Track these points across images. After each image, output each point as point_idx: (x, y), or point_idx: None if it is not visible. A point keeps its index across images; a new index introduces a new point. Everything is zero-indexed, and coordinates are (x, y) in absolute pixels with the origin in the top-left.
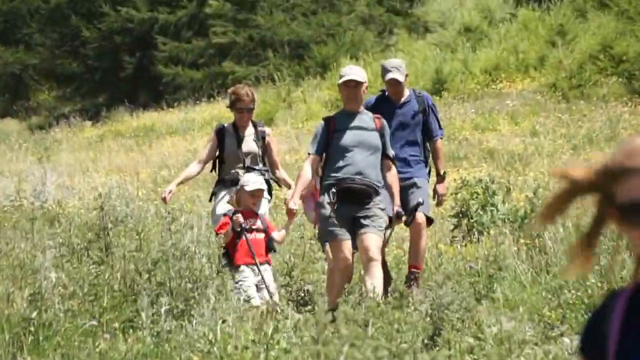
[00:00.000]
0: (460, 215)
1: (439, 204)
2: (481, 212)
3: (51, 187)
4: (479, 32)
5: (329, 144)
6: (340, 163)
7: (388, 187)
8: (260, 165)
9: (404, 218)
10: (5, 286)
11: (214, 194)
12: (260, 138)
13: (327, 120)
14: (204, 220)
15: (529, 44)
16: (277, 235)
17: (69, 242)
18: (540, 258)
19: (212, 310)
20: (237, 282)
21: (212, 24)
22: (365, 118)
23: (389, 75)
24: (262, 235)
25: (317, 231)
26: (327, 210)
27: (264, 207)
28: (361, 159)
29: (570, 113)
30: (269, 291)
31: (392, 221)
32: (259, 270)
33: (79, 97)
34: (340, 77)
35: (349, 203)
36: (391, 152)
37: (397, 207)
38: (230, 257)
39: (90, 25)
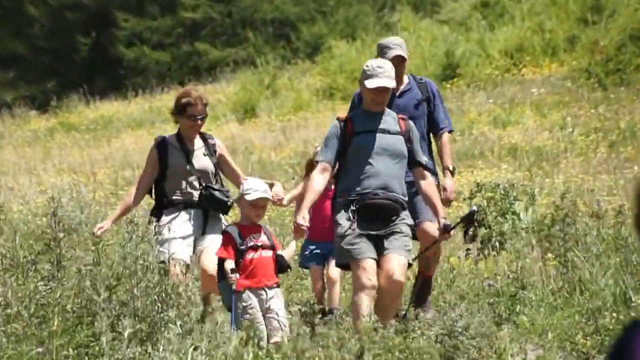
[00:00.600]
0: (476, 224)
1: (447, 202)
2: (501, 220)
3: None
4: (499, 6)
5: (346, 150)
6: (361, 174)
7: (428, 199)
8: (218, 185)
9: (452, 232)
10: None
11: (156, 216)
12: (213, 152)
13: (343, 121)
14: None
15: (557, 22)
16: (285, 253)
17: (13, 254)
18: (572, 275)
19: (183, 335)
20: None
21: None
22: (389, 119)
23: (392, 53)
24: (269, 253)
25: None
26: (346, 229)
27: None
28: (384, 169)
29: (607, 103)
30: (278, 321)
31: (439, 236)
32: (266, 295)
33: (23, 82)
34: (367, 75)
35: (372, 221)
36: (423, 159)
37: (444, 220)
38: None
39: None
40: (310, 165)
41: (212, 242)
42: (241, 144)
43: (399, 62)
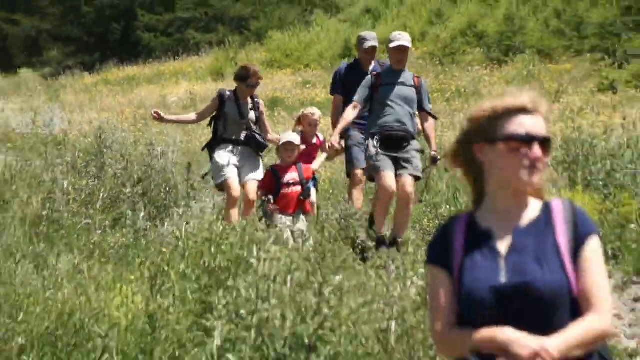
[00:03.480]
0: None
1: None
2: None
3: (58, 120)
4: (377, 12)
5: (374, 95)
6: (384, 113)
7: (426, 136)
8: (259, 131)
9: (438, 162)
10: (25, 192)
11: (211, 148)
12: (257, 108)
13: (375, 75)
14: (175, 147)
15: (414, 22)
16: (315, 165)
17: (72, 162)
18: (422, 181)
19: (180, 215)
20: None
21: (178, 2)
22: (408, 76)
23: (369, 43)
24: (298, 188)
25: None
26: (373, 152)
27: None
28: (400, 110)
29: (444, 74)
30: (299, 234)
31: (429, 164)
32: (292, 218)
33: (79, 53)
34: (391, 41)
35: (391, 146)
36: (428, 106)
37: (434, 152)
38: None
39: (89, 1)
40: (298, 121)
41: (252, 176)
42: (214, 93)
43: (372, 51)
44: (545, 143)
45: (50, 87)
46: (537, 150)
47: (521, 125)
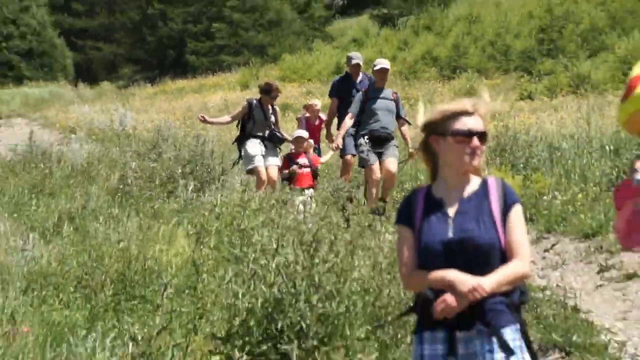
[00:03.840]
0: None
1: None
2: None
3: (128, 119)
4: (361, 41)
5: (364, 107)
6: (371, 120)
7: (403, 137)
8: (277, 130)
9: (415, 156)
10: (105, 171)
11: (240, 142)
12: (275, 113)
13: (364, 92)
14: (213, 140)
15: (387, 49)
16: (323, 159)
17: (138, 149)
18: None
19: (216, 189)
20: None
21: (216, 33)
22: (388, 92)
23: (354, 61)
24: (308, 170)
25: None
26: (365, 149)
27: (276, 159)
28: (384, 117)
29: (409, 87)
30: (309, 205)
31: (407, 158)
32: (304, 192)
33: (144, 71)
34: (375, 65)
35: (377, 145)
36: (403, 114)
37: (411, 149)
38: (289, 182)
39: (152, 33)
40: (305, 108)
41: (274, 162)
42: (243, 99)
43: (357, 67)
44: (482, 136)
45: (123, 96)
46: (475, 141)
47: (464, 124)
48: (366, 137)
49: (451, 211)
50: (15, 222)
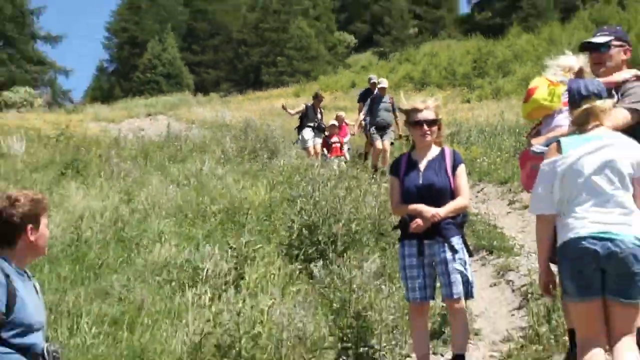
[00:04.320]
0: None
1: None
2: None
3: (227, 115)
4: (369, 67)
5: (372, 108)
6: (376, 116)
7: (396, 124)
8: (321, 121)
9: (402, 138)
10: (213, 147)
11: (299, 129)
12: (320, 111)
13: (372, 99)
14: (280, 127)
15: (382, 72)
16: (346, 139)
17: (233, 134)
18: None
19: (282, 157)
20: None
21: (280, 62)
22: (386, 98)
23: (372, 80)
24: (338, 145)
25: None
26: (373, 134)
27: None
28: (384, 114)
29: (395, 97)
30: (339, 164)
31: (397, 138)
32: (337, 160)
33: (236, 86)
34: (379, 83)
35: (380, 130)
36: (397, 112)
37: (400, 133)
38: (328, 152)
39: (241, 63)
40: (336, 118)
41: (318, 142)
42: (297, 104)
43: (374, 83)
44: (430, 123)
45: (223, 102)
46: (424, 127)
47: (417, 117)
48: (374, 126)
49: (422, 167)
50: (162, 177)
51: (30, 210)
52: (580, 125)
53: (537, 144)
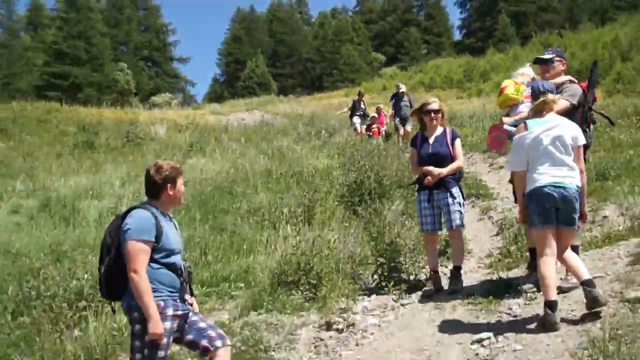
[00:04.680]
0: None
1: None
2: None
3: (298, 109)
4: (392, 78)
5: (397, 106)
6: (400, 110)
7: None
8: (365, 112)
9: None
10: (288, 130)
11: (350, 117)
12: (364, 104)
13: (396, 99)
14: (334, 116)
15: (404, 80)
16: (383, 128)
17: (303, 122)
18: None
19: (337, 137)
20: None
21: (335, 74)
22: (406, 98)
23: (401, 89)
24: (376, 129)
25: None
26: (398, 123)
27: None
28: (406, 110)
29: (413, 95)
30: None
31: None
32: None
33: (306, 89)
34: (400, 88)
35: (402, 120)
36: (414, 107)
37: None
38: (370, 134)
39: (309, 74)
40: (376, 110)
41: (363, 126)
42: (347, 101)
43: (400, 89)
44: (436, 112)
45: (297, 101)
46: (432, 115)
47: (428, 107)
48: (398, 118)
49: (431, 141)
50: (256, 151)
51: (170, 174)
52: (539, 112)
53: (507, 123)
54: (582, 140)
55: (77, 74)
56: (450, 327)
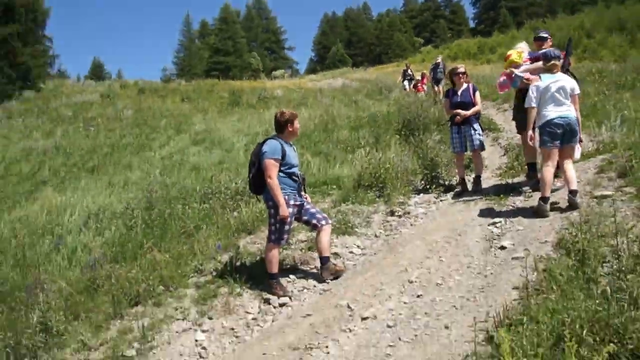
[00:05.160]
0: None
1: None
2: None
3: (368, 76)
4: (430, 55)
5: (434, 71)
6: (436, 74)
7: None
8: (413, 76)
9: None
10: (359, 90)
11: (402, 81)
12: (411, 71)
13: (434, 67)
14: (392, 79)
15: (438, 54)
16: (424, 86)
17: (370, 84)
18: None
19: (393, 93)
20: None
21: (390, 53)
22: (441, 66)
23: (437, 60)
24: (420, 87)
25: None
26: (434, 84)
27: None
28: (439, 74)
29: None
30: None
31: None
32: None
33: (370, 63)
34: (436, 59)
35: (437, 82)
36: (445, 71)
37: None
38: (417, 90)
39: (373, 53)
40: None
41: (411, 86)
42: (399, 70)
43: (437, 62)
44: (463, 73)
45: (366, 71)
46: (460, 75)
47: (457, 70)
48: (434, 79)
49: (459, 93)
50: (341, 104)
51: (290, 117)
52: (549, 70)
53: (517, 72)
54: (577, 90)
55: (228, 61)
56: (473, 215)
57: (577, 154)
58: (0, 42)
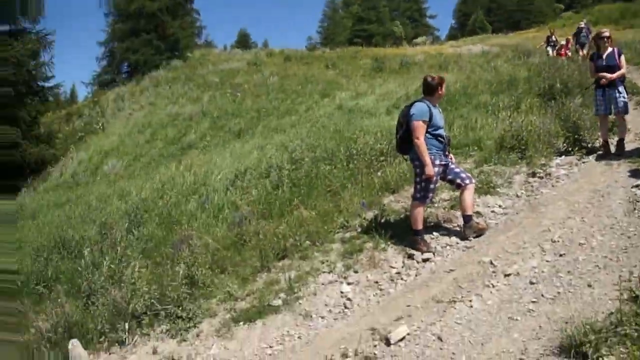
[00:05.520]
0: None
1: None
2: None
3: (506, 42)
4: (571, 18)
5: (578, 35)
6: (579, 38)
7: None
8: (557, 42)
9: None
10: (499, 55)
11: (546, 47)
12: (555, 37)
13: (577, 32)
14: (532, 44)
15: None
16: (568, 52)
17: (512, 49)
18: None
19: (535, 58)
20: None
21: (531, 17)
22: (585, 31)
23: (581, 25)
24: (563, 52)
25: None
26: (578, 47)
27: None
28: (583, 38)
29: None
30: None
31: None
32: None
33: (510, 28)
34: (580, 24)
35: (581, 46)
36: (590, 36)
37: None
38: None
39: (513, 21)
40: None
41: (554, 50)
42: (542, 37)
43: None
44: (608, 38)
45: (506, 36)
46: (605, 40)
47: (601, 35)
48: (578, 44)
49: (603, 57)
50: (480, 69)
51: (439, 81)
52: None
53: None
54: None
55: (371, 29)
56: (616, 177)
57: None
58: (150, 16)
